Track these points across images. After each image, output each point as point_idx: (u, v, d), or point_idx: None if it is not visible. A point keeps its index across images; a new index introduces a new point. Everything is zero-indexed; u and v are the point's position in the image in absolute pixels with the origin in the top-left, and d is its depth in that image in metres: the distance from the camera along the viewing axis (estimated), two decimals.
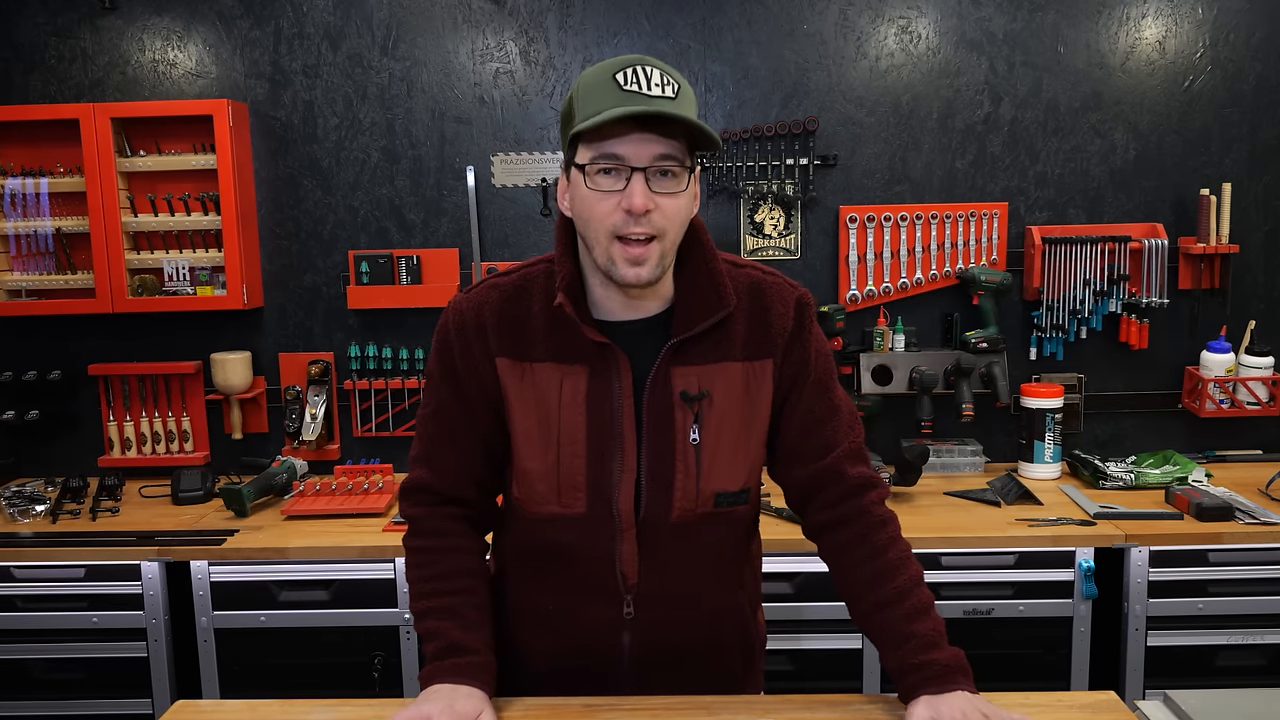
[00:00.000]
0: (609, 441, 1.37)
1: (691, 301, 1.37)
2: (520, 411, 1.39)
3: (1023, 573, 2.48)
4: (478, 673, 1.36)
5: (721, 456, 1.39)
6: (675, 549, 1.41)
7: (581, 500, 1.38)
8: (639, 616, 1.42)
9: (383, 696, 2.39)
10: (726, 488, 1.40)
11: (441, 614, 1.40)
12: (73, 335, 3.11)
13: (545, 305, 1.38)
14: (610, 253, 1.30)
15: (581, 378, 1.37)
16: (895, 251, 3.03)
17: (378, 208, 3.08)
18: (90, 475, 3.02)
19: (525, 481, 1.41)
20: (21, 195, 2.96)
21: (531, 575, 1.48)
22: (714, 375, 1.38)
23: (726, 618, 1.50)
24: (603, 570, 1.41)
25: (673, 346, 1.36)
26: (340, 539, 2.56)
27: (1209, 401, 2.98)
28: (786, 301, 1.42)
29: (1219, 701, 1.42)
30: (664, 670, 1.46)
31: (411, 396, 3.11)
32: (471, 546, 1.49)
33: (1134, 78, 2.99)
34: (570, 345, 1.37)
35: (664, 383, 1.37)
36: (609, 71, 1.27)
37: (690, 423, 1.37)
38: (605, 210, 1.28)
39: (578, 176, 1.30)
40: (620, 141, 1.26)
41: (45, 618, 2.55)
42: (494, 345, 1.39)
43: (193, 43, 3.03)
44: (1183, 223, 3.03)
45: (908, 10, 2.99)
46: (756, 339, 1.40)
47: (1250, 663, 2.49)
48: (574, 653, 1.46)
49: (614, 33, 3.00)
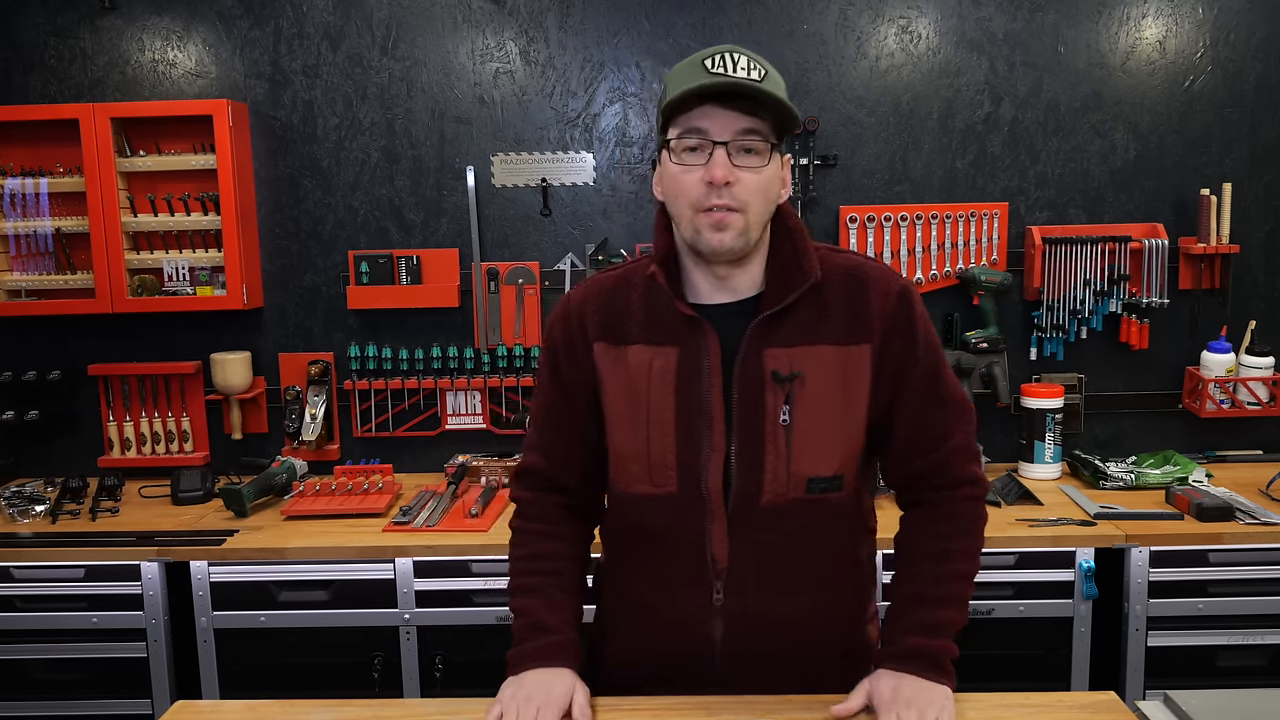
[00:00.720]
0: (697, 420, 1.38)
1: (779, 279, 1.39)
2: (613, 393, 1.43)
3: (1023, 573, 2.48)
4: (563, 651, 1.41)
5: (813, 440, 1.38)
6: (766, 534, 1.41)
7: (672, 479, 1.40)
8: (729, 603, 1.42)
9: (382, 697, 2.39)
10: (819, 472, 1.39)
11: (529, 592, 1.46)
12: (72, 335, 3.11)
13: (644, 293, 1.43)
14: (695, 224, 1.33)
15: (671, 357, 1.39)
16: (895, 251, 3.03)
17: (377, 208, 3.08)
18: (90, 475, 3.02)
19: (619, 463, 1.45)
20: (21, 195, 2.96)
21: (628, 560, 1.50)
22: (807, 358, 1.37)
23: (822, 618, 1.45)
24: (693, 552, 1.41)
25: (762, 323, 1.37)
26: (340, 539, 2.56)
27: (1209, 401, 2.97)
28: (889, 288, 1.40)
29: (1219, 702, 1.42)
30: (753, 667, 1.44)
31: (411, 397, 3.11)
32: (569, 534, 1.53)
33: (1134, 78, 2.99)
34: (662, 327, 1.40)
35: (754, 361, 1.37)
36: (699, 58, 1.33)
37: (781, 403, 1.37)
38: (689, 183, 1.32)
39: (666, 155, 1.36)
40: (703, 116, 1.30)
41: (45, 618, 2.55)
42: (592, 332, 1.44)
43: (192, 43, 3.03)
44: (1183, 223, 3.03)
45: (908, 10, 2.98)
46: (853, 323, 1.39)
47: (1251, 663, 2.49)
48: (664, 646, 1.46)
49: (614, 32, 3.00)
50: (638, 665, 1.48)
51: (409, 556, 2.50)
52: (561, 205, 3.07)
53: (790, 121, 1.33)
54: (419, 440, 3.15)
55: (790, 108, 1.30)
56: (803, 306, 1.38)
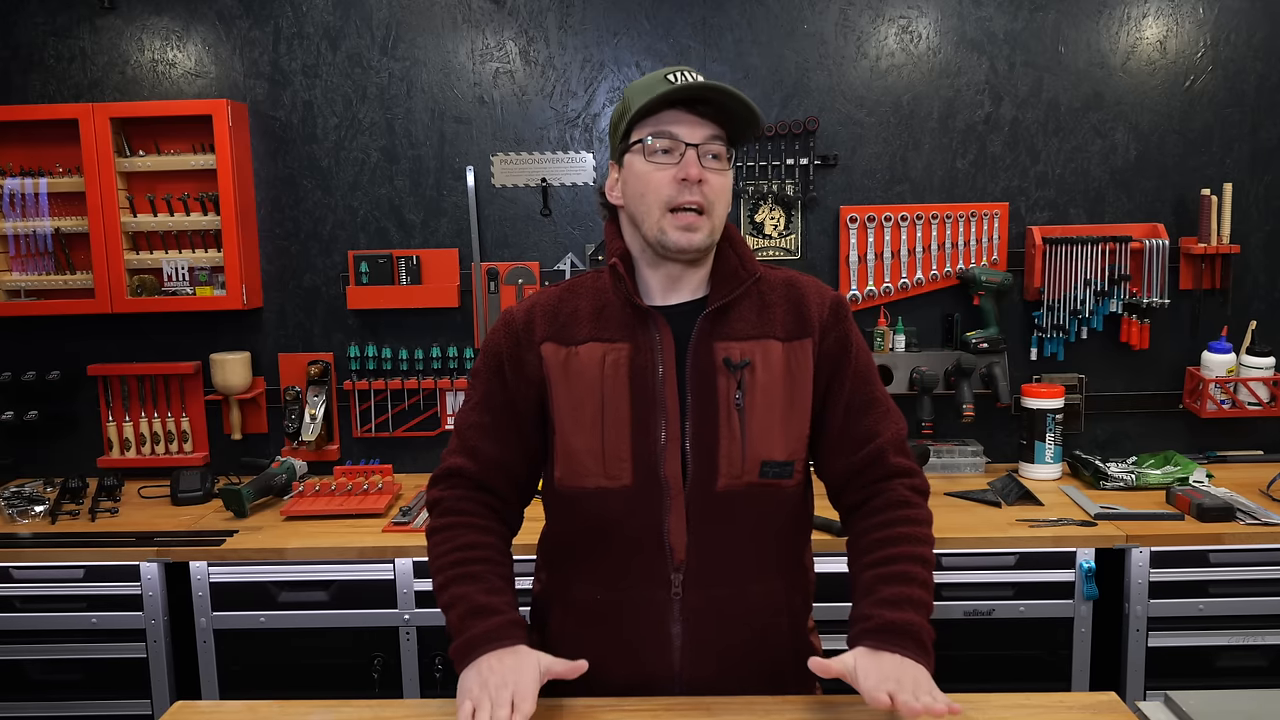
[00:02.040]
0: (652, 410, 1.41)
1: (726, 278, 1.47)
2: (564, 390, 1.44)
3: (1023, 573, 2.48)
4: (513, 629, 1.37)
5: (766, 423, 1.42)
6: (722, 523, 1.42)
7: (628, 470, 1.41)
8: (687, 598, 1.42)
9: (382, 697, 2.39)
10: (772, 456, 1.43)
11: (462, 580, 1.41)
12: (72, 335, 3.11)
13: (592, 298, 1.48)
14: (662, 224, 1.40)
15: (624, 351, 1.43)
16: (896, 252, 3.02)
17: (377, 208, 3.07)
18: (89, 476, 3.02)
19: (571, 459, 1.44)
20: (20, 195, 2.96)
21: (578, 568, 1.49)
22: (755, 349, 1.44)
23: (775, 610, 1.49)
24: (650, 545, 1.42)
25: (711, 315, 1.44)
26: (339, 539, 2.56)
27: (1210, 402, 2.97)
28: (822, 296, 1.50)
29: (1220, 702, 1.42)
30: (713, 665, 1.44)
31: (411, 397, 3.11)
32: (497, 529, 1.50)
33: (1135, 77, 2.99)
34: (613, 324, 1.45)
35: (706, 352, 1.43)
36: (659, 74, 1.41)
37: (734, 389, 1.42)
38: (661, 180, 1.39)
39: (633, 157, 1.42)
40: (673, 120, 1.40)
41: (44, 618, 2.54)
42: (540, 335, 1.47)
43: (192, 42, 3.02)
44: (1184, 223, 3.03)
45: (908, 10, 2.98)
46: (795, 322, 1.47)
47: (1251, 663, 2.49)
48: (624, 655, 1.45)
49: (614, 32, 3.00)
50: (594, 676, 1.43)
51: (409, 557, 2.50)
52: (561, 205, 3.07)
53: (748, 129, 1.42)
54: (419, 440, 3.15)
55: (754, 110, 1.39)
56: (747, 304, 1.46)
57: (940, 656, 1.39)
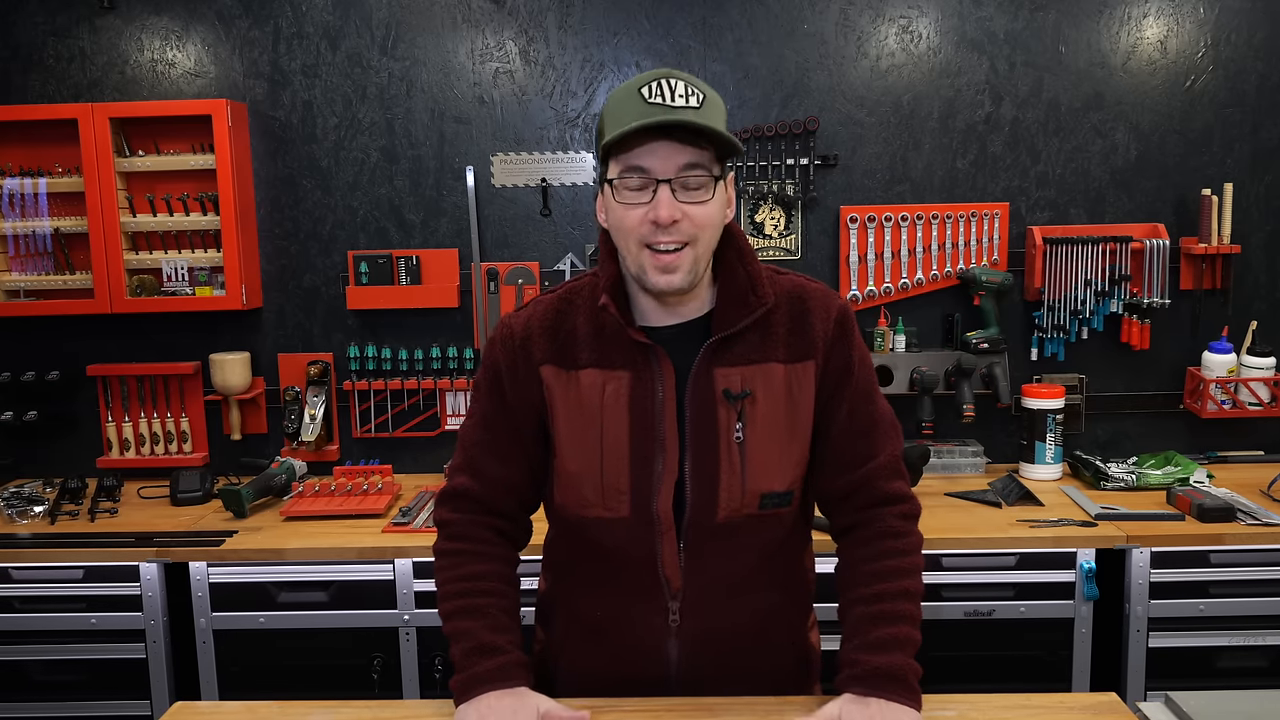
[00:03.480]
0: (651, 444, 1.37)
1: (730, 301, 1.39)
2: (564, 416, 1.40)
3: (1024, 574, 2.48)
4: (517, 670, 1.37)
5: (766, 456, 1.39)
6: (720, 553, 1.41)
7: (625, 503, 1.39)
8: (685, 625, 1.42)
9: (382, 698, 2.39)
10: (772, 488, 1.40)
11: (468, 614, 1.40)
12: (71, 336, 3.11)
13: (589, 315, 1.41)
14: (641, 261, 1.32)
15: (624, 381, 1.38)
16: (896, 252, 3.02)
17: (377, 208, 3.07)
18: (89, 476, 3.02)
19: (571, 486, 1.42)
20: (20, 195, 2.96)
21: (580, 583, 1.49)
22: (756, 375, 1.38)
23: (775, 626, 1.48)
24: (647, 574, 1.41)
25: (713, 345, 1.37)
26: (339, 540, 2.55)
27: (1210, 402, 2.97)
28: (829, 308, 1.43)
29: (1220, 703, 1.42)
30: (710, 678, 1.44)
31: (410, 397, 3.11)
32: (504, 555, 1.49)
33: (1135, 77, 2.99)
34: (613, 351, 1.39)
35: (706, 382, 1.37)
36: (635, 86, 1.30)
37: (734, 422, 1.37)
38: (634, 220, 1.30)
39: (608, 190, 1.34)
40: (646, 154, 1.29)
41: (44, 619, 2.54)
42: (539, 355, 1.42)
43: (191, 42, 3.02)
44: (1184, 223, 3.02)
45: (908, 10, 2.98)
46: (798, 341, 1.40)
47: (1252, 664, 2.49)
48: (622, 668, 1.45)
49: (614, 32, 3.00)
50: (593, 684, 1.46)
51: (408, 557, 2.50)
52: (561, 205, 3.07)
53: (732, 149, 1.32)
54: (418, 441, 3.15)
55: (730, 138, 1.29)
56: (751, 327, 1.39)
57: (941, 657, 1.40)
